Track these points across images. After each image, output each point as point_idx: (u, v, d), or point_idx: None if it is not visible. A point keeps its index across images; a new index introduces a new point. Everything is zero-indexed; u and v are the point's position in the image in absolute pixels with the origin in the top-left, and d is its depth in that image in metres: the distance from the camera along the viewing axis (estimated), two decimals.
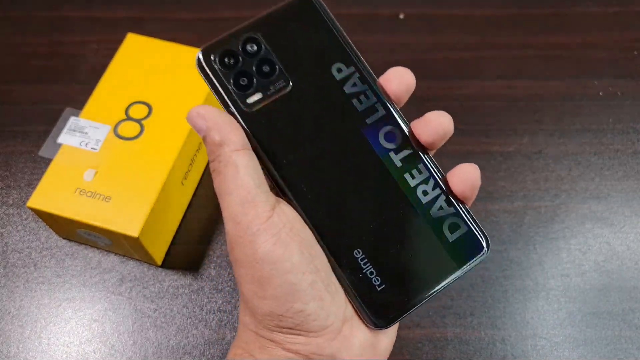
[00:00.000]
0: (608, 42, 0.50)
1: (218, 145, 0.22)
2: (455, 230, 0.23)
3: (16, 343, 0.37)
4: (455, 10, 0.52)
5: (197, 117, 0.22)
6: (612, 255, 0.40)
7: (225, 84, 0.23)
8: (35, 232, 0.41)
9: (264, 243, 0.21)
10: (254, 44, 0.23)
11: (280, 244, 0.21)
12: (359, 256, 0.23)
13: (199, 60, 0.24)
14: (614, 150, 0.45)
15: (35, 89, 0.47)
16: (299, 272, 0.21)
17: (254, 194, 0.21)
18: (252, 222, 0.21)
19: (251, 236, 0.21)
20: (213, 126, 0.22)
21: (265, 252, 0.21)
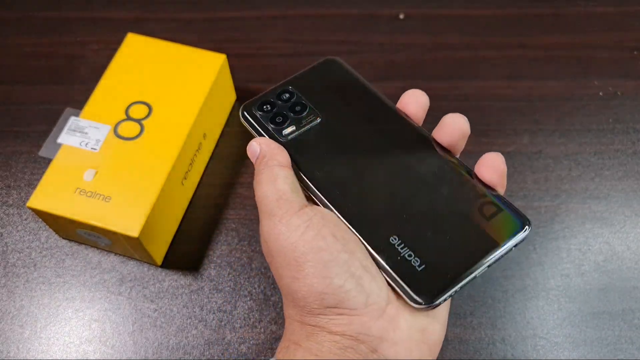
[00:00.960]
0: (608, 42, 0.50)
1: (264, 161, 0.25)
2: (491, 212, 0.24)
3: (16, 343, 0.37)
4: (455, 11, 0.52)
5: (253, 145, 0.26)
6: (612, 255, 0.40)
7: (264, 124, 0.28)
8: (35, 232, 0.41)
9: (297, 227, 0.23)
10: (287, 93, 0.29)
11: (313, 227, 0.23)
12: (396, 242, 0.24)
13: (242, 112, 0.28)
14: (614, 150, 0.45)
15: (35, 89, 0.47)
16: (333, 251, 0.22)
17: (288, 195, 0.24)
18: (285, 212, 0.23)
19: (285, 225, 0.23)
20: (265, 147, 0.26)
21: (299, 235, 0.22)
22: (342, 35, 0.51)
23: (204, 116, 0.41)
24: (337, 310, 0.22)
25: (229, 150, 0.45)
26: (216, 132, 0.45)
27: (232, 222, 0.41)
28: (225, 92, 0.45)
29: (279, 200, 0.24)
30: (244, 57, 0.49)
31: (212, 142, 0.44)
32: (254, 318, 0.38)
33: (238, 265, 0.40)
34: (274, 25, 0.51)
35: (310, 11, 0.52)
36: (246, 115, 0.28)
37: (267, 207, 0.24)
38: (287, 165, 0.25)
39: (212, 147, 0.45)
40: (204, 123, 0.41)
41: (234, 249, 0.40)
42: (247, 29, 0.51)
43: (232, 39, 0.50)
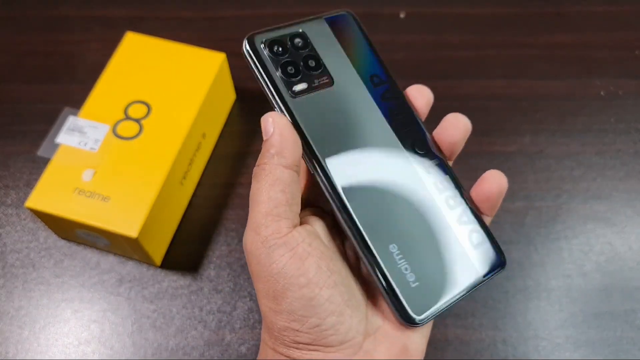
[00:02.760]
0: (610, 41, 0.50)
1: (271, 153, 0.22)
2: (478, 241, 0.24)
3: (15, 344, 0.37)
4: (456, 9, 0.52)
5: (269, 121, 0.23)
6: (614, 255, 0.40)
7: (273, 70, 0.24)
8: (34, 233, 0.41)
9: (280, 258, 0.21)
10: (300, 39, 0.25)
11: (296, 259, 0.21)
12: (395, 251, 0.23)
13: (246, 45, 0.24)
14: (616, 150, 0.44)
15: (33, 88, 0.47)
16: (315, 287, 0.21)
17: (281, 209, 0.21)
18: (270, 235, 0.21)
19: (268, 249, 0.21)
20: (278, 133, 0.22)
21: (280, 267, 0.21)
22: None
23: (203, 116, 0.40)
24: (311, 346, 0.21)
25: (229, 150, 0.44)
26: (216, 132, 0.45)
27: (231, 222, 0.41)
28: (225, 91, 0.45)
29: (268, 214, 0.21)
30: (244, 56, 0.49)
31: (212, 142, 0.44)
32: (253, 319, 0.37)
33: (238, 266, 0.39)
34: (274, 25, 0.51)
35: (310, 10, 0.52)
36: (251, 51, 0.24)
37: (255, 216, 0.22)
38: (293, 165, 0.22)
39: (212, 147, 0.44)
40: (204, 122, 0.41)
41: (233, 250, 0.40)
42: (246, 28, 0.51)
43: (232, 38, 0.50)
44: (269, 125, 0.23)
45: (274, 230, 0.21)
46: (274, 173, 0.22)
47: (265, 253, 0.21)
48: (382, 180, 0.24)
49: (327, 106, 0.24)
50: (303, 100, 0.23)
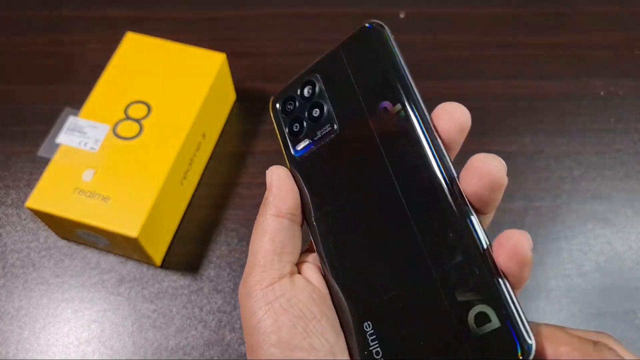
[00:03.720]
0: (610, 41, 0.50)
1: (266, 202, 0.22)
2: (483, 323, 0.17)
3: (15, 344, 0.37)
4: (456, 9, 0.52)
5: (268, 173, 0.23)
6: (613, 255, 0.40)
7: (282, 128, 0.24)
8: (34, 233, 0.41)
9: (258, 310, 0.20)
10: (311, 86, 0.23)
11: (271, 314, 0.20)
12: (368, 330, 0.19)
13: (272, 105, 0.24)
14: (616, 150, 0.44)
15: (34, 88, 0.47)
16: (285, 348, 0.19)
17: (267, 260, 0.21)
18: (254, 285, 0.21)
19: (250, 300, 0.20)
20: (274, 184, 0.22)
21: (257, 320, 0.20)
22: (342, 35, 0.50)
23: (203, 116, 0.40)
24: None
25: (229, 150, 0.45)
26: (216, 132, 0.45)
27: (231, 222, 0.41)
28: (225, 91, 0.45)
29: (255, 265, 0.21)
30: (244, 56, 0.49)
31: (212, 142, 0.44)
32: None
33: (238, 266, 0.39)
34: (274, 25, 0.51)
35: (310, 10, 0.52)
36: (272, 112, 0.24)
37: (247, 264, 0.21)
38: (287, 213, 0.22)
39: (212, 147, 0.44)
40: (204, 123, 0.41)
41: (233, 250, 0.40)
42: (246, 28, 0.51)
43: (232, 38, 0.50)
44: (268, 177, 0.23)
45: (257, 281, 0.21)
46: (263, 223, 0.22)
47: (248, 304, 0.20)
48: (372, 246, 0.20)
49: (328, 159, 0.22)
50: (305, 157, 0.23)
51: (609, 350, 0.18)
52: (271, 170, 0.23)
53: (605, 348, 0.18)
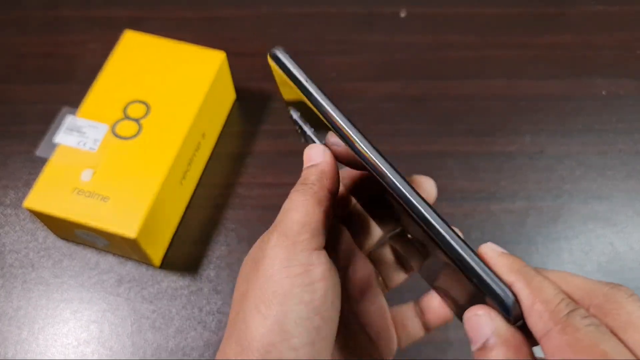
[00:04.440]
0: (611, 41, 0.50)
1: (322, 176, 0.22)
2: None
3: (14, 344, 0.37)
4: (456, 9, 0.52)
5: (316, 152, 0.23)
6: (614, 255, 0.40)
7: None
8: (33, 233, 0.41)
9: (299, 265, 0.20)
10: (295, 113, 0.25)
11: (307, 276, 0.20)
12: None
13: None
14: (617, 150, 0.44)
15: (32, 88, 0.47)
16: (313, 314, 0.19)
17: (317, 225, 0.21)
18: (300, 242, 0.20)
19: (295, 252, 0.20)
20: (325, 166, 0.22)
21: (294, 275, 0.20)
22: (342, 34, 0.50)
23: (203, 115, 0.40)
24: None
25: (229, 150, 0.44)
26: (215, 132, 0.44)
27: (231, 222, 0.41)
28: (225, 90, 0.44)
29: (305, 225, 0.20)
30: (243, 55, 0.48)
31: (212, 142, 0.44)
32: None
33: (237, 266, 0.39)
34: (274, 24, 0.51)
35: (311, 9, 0.52)
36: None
37: (286, 222, 0.20)
38: (335, 195, 0.22)
39: (212, 147, 0.44)
40: (203, 122, 0.41)
41: (233, 250, 0.40)
42: (246, 27, 0.51)
43: (231, 38, 0.50)
44: (315, 156, 0.22)
45: (305, 239, 0.20)
46: (321, 194, 0.21)
47: (289, 254, 0.20)
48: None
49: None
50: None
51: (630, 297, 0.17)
52: (317, 151, 0.22)
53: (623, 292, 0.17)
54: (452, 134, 0.45)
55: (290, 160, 0.43)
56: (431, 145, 0.44)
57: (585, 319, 0.16)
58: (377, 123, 0.45)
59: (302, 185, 0.22)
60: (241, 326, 0.19)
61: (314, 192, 0.21)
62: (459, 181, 0.43)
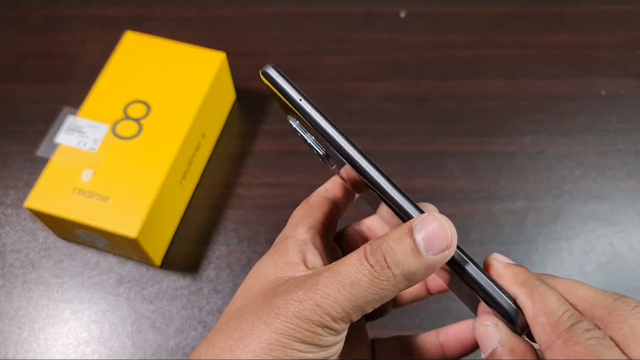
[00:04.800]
0: (611, 41, 0.50)
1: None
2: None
3: (14, 344, 0.37)
4: (457, 9, 0.52)
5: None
6: (614, 255, 0.40)
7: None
8: (34, 233, 0.41)
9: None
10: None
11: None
12: None
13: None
14: (617, 150, 0.44)
15: (32, 88, 0.47)
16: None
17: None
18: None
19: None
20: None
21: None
22: (342, 34, 0.50)
23: (203, 115, 0.40)
24: None
25: (229, 150, 0.44)
26: (215, 132, 0.44)
27: (231, 222, 0.41)
28: (225, 91, 0.44)
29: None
30: (244, 55, 0.48)
31: (212, 142, 0.44)
32: None
33: (237, 266, 0.39)
34: (274, 24, 0.51)
35: (310, 9, 0.52)
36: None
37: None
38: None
39: (212, 147, 0.44)
40: (203, 122, 0.41)
41: (233, 250, 0.40)
42: (247, 27, 0.51)
43: (231, 38, 0.50)
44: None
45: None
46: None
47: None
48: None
49: None
50: None
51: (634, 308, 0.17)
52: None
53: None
54: (452, 134, 0.45)
55: (290, 160, 0.44)
56: (431, 145, 0.44)
57: (588, 331, 0.16)
58: (377, 123, 0.45)
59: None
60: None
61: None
62: (459, 181, 0.43)
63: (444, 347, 0.26)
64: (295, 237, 0.22)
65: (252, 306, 0.19)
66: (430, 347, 0.26)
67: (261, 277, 0.21)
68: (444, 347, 0.26)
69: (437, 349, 0.26)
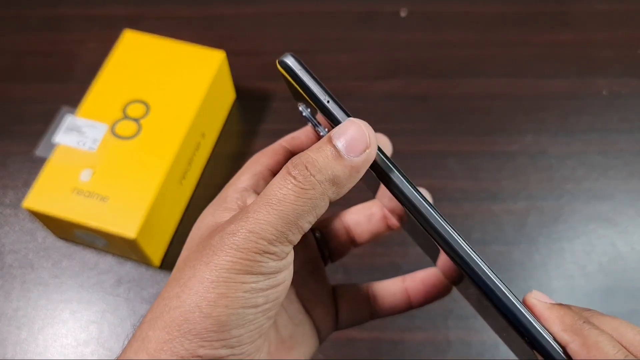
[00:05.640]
0: (613, 40, 0.49)
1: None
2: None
3: (13, 345, 0.37)
4: (457, 7, 0.51)
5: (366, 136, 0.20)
6: (616, 256, 0.40)
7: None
8: (32, 233, 0.40)
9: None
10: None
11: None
12: None
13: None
14: (619, 150, 0.44)
15: (31, 87, 0.47)
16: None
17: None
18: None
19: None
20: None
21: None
22: (342, 32, 0.50)
23: (202, 115, 0.40)
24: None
25: (228, 150, 0.44)
26: (215, 131, 0.44)
27: None
28: (225, 90, 0.44)
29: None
30: (243, 54, 0.48)
31: (211, 142, 0.44)
32: None
33: None
34: (274, 22, 0.51)
35: (311, 7, 0.51)
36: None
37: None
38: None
39: (211, 147, 0.44)
40: (203, 122, 0.41)
41: None
42: (246, 26, 0.51)
43: (231, 37, 0.50)
44: (364, 140, 0.20)
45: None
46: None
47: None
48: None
49: None
50: None
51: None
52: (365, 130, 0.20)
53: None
54: (452, 133, 0.44)
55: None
56: (432, 144, 0.44)
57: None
58: (377, 122, 0.45)
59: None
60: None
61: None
62: (460, 181, 0.42)
63: (409, 292, 0.26)
64: (236, 185, 0.23)
65: (193, 253, 0.19)
66: (395, 291, 0.26)
67: (202, 227, 0.21)
68: (409, 292, 0.26)
69: (403, 294, 0.26)
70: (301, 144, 0.25)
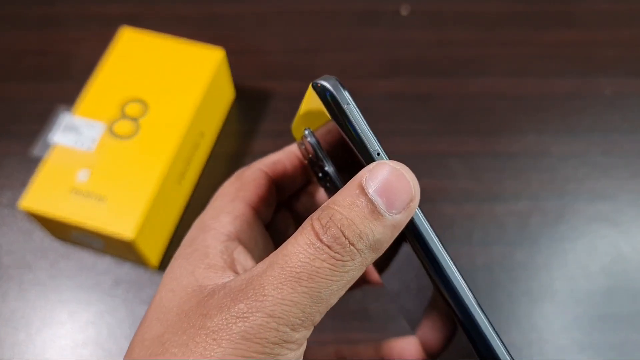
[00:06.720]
0: (616, 39, 0.49)
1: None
2: None
3: (10, 346, 0.36)
4: (459, 6, 0.51)
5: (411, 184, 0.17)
6: (618, 256, 0.39)
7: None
8: (29, 233, 0.40)
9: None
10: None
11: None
12: None
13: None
14: (622, 150, 0.44)
15: (28, 86, 0.46)
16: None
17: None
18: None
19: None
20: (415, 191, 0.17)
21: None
22: (342, 31, 0.50)
23: (201, 114, 0.40)
24: None
25: (228, 150, 0.44)
26: (214, 131, 0.44)
27: None
28: (224, 89, 0.44)
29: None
30: (243, 53, 0.48)
31: (210, 141, 0.43)
32: None
33: None
34: (274, 21, 0.50)
35: (311, 6, 0.51)
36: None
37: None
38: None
39: (210, 146, 0.44)
40: (202, 121, 0.40)
41: None
42: (246, 24, 0.50)
43: (230, 35, 0.49)
44: (412, 189, 0.17)
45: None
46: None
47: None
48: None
49: None
50: None
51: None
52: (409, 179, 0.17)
53: None
54: (454, 133, 0.44)
55: None
56: (433, 144, 0.44)
57: None
58: (378, 122, 0.45)
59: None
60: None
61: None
62: (461, 181, 0.42)
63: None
64: (216, 230, 0.17)
65: (178, 334, 0.14)
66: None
67: (178, 290, 0.16)
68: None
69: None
70: (285, 171, 0.20)
